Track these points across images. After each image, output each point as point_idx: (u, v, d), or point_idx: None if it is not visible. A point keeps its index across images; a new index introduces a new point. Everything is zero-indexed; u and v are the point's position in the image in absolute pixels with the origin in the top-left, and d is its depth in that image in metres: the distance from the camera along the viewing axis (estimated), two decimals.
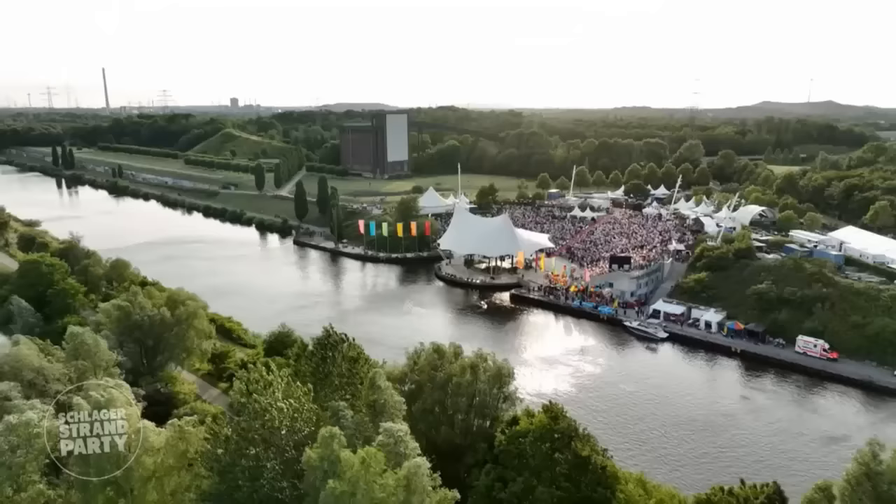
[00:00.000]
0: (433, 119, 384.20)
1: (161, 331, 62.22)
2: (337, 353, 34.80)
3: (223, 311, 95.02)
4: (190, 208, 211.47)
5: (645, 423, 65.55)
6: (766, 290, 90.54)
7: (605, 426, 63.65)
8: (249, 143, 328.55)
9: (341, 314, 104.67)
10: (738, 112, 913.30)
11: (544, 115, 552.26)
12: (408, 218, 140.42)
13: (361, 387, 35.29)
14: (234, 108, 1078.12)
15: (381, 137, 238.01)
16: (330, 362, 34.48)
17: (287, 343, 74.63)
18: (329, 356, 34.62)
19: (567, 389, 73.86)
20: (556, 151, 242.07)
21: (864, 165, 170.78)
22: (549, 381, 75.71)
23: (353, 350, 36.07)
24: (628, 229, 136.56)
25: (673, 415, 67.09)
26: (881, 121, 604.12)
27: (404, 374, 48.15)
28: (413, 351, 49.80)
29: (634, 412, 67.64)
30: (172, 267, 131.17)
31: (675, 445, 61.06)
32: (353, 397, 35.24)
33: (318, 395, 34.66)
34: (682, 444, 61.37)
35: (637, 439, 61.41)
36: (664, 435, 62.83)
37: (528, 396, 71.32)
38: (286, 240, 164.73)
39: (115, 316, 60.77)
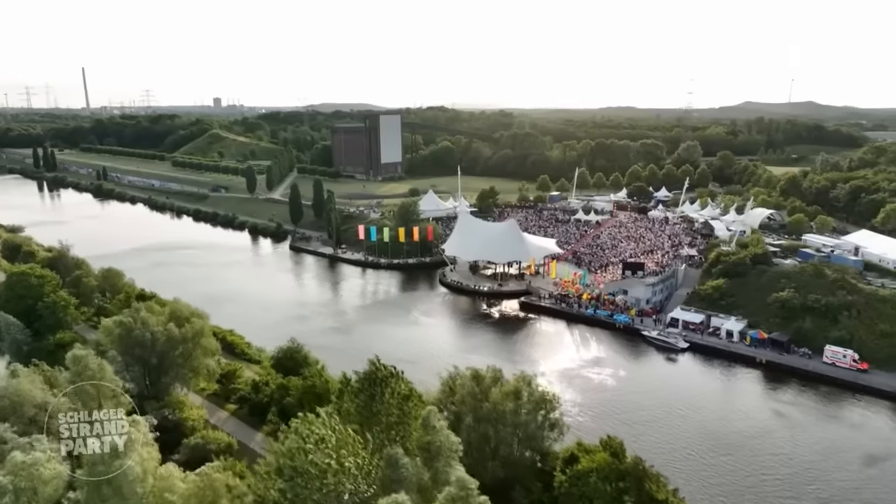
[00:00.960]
0: (423, 119, 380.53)
1: (166, 349, 57.73)
2: (386, 390, 30.76)
3: (220, 321, 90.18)
4: (179, 212, 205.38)
5: (679, 444, 62.05)
6: (789, 298, 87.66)
7: (636, 449, 60.29)
8: (237, 144, 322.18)
9: (345, 324, 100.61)
10: (723, 112, 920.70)
11: (532, 115, 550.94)
12: (409, 222, 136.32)
13: (412, 425, 31.38)
14: (217, 108, 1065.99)
15: (374, 138, 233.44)
16: (378, 400, 30.43)
17: (297, 360, 70.50)
18: (378, 393, 30.57)
19: (589, 406, 70.34)
20: (553, 153, 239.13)
21: (866, 167, 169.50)
22: (570, 397, 71.94)
23: (402, 385, 32.04)
24: (635, 233, 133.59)
25: (707, 434, 63.71)
26: (863, 121, 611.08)
27: (439, 401, 44.25)
28: (448, 376, 45.95)
29: (666, 432, 64.10)
30: (164, 274, 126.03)
31: (717, 470, 57.58)
32: (403, 438, 31.27)
33: (365, 435, 30.69)
34: (722, 468, 57.93)
35: (674, 465, 57.65)
36: (702, 459, 59.35)
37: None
38: (281, 244, 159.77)
39: (116, 334, 56.20)
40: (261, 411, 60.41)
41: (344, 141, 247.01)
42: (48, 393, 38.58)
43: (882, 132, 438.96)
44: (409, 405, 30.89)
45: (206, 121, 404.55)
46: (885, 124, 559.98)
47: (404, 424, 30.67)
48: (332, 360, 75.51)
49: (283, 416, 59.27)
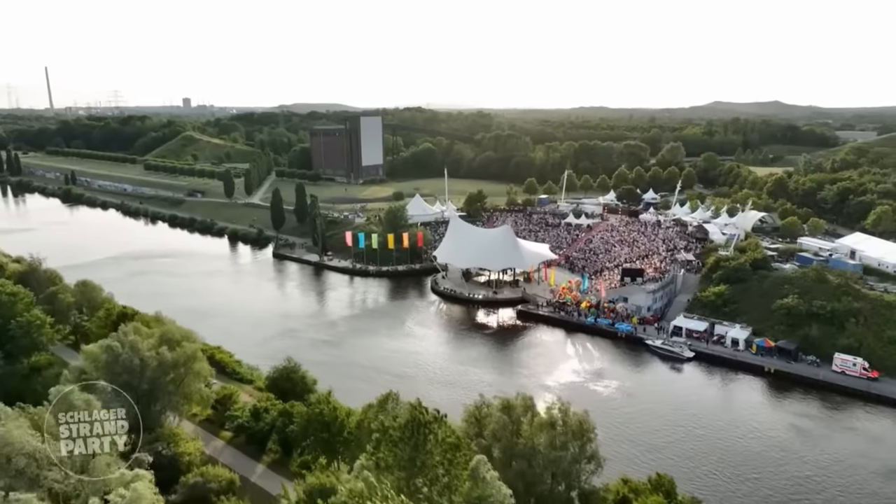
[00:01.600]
0: (401, 120, 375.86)
1: (157, 376, 53.16)
2: (430, 438, 27.24)
3: (205, 336, 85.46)
4: (154, 217, 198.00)
5: (698, 461, 59.57)
6: (794, 305, 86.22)
7: (657, 467, 57.71)
8: (211, 146, 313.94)
9: (337, 337, 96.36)
10: (692, 112, 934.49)
11: (508, 115, 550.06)
12: (397, 228, 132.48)
13: (460, 476, 27.88)
14: (186, 109, 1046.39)
15: (355, 140, 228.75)
16: (422, 450, 26.90)
17: (294, 380, 66.54)
18: (421, 442, 27.03)
19: (602, 426, 66.89)
20: (536, 154, 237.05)
21: (849, 168, 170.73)
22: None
23: (447, 430, 28.52)
24: (628, 237, 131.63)
25: (729, 454, 61.15)
26: (829, 120, 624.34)
27: (466, 434, 40.74)
28: (474, 406, 42.45)
29: (687, 454, 61.33)
30: (142, 285, 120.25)
31: (741, 489, 55.26)
32: (449, 490, 27.77)
33: (409, 488, 27.16)
34: (746, 486, 55.60)
35: (703, 491, 55.02)
36: (731, 484, 56.70)
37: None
38: (263, 252, 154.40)
39: (103, 360, 51.45)
40: (260, 439, 56.34)
41: (323, 143, 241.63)
42: (37, 438, 34.12)
43: (850, 132, 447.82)
44: (457, 455, 27.38)
45: (178, 122, 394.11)
46: (851, 123, 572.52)
47: (451, 476, 27.15)
48: (327, 378, 71.65)
49: (284, 445, 55.41)
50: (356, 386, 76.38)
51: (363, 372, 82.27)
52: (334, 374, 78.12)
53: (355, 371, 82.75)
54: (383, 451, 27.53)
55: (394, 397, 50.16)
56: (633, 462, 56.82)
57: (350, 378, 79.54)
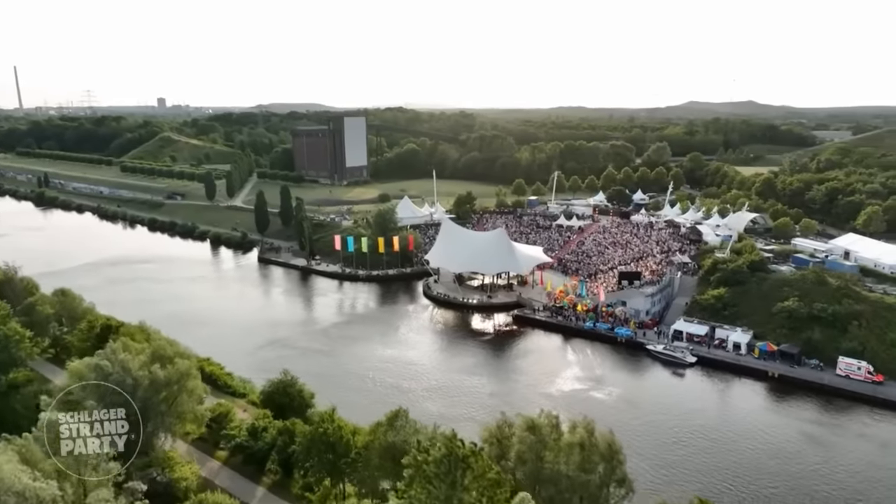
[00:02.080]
0: (383, 121, 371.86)
1: (149, 395, 49.91)
2: (468, 474, 24.81)
3: (193, 347, 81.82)
4: (132, 221, 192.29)
5: (713, 476, 57.62)
6: (795, 308, 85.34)
7: (671, 483, 56.05)
8: (190, 147, 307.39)
9: (330, 346, 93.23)
10: (669, 111, 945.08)
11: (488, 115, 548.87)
12: (387, 231, 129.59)
13: None
14: (161, 109, 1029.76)
15: (338, 141, 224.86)
16: (459, 486, 24.46)
17: (291, 394, 63.48)
18: (458, 479, 24.58)
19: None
20: (522, 155, 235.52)
21: (834, 167, 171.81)
22: None
23: (485, 465, 26.10)
24: (621, 239, 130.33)
25: (739, 463, 59.58)
26: (803, 120, 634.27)
27: (488, 457, 38.29)
28: (495, 426, 40.08)
29: (696, 462, 59.69)
30: (123, 293, 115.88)
31: None
32: None
33: None
34: None
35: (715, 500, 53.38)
36: (740, 491, 55.23)
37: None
38: (248, 256, 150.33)
39: (92, 380, 48.03)
40: (259, 460, 53.33)
41: (306, 144, 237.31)
42: (27, 474, 30.98)
43: (826, 131, 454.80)
44: (497, 492, 24.99)
45: (155, 123, 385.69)
46: (825, 123, 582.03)
47: None
48: (324, 390, 69.14)
49: (285, 465, 52.48)
50: (353, 398, 73.63)
51: (359, 383, 79.51)
52: (330, 386, 75.31)
53: (351, 381, 79.91)
54: (416, 488, 25.01)
55: (403, 414, 47.71)
56: (648, 480, 54.77)
57: (346, 389, 76.75)
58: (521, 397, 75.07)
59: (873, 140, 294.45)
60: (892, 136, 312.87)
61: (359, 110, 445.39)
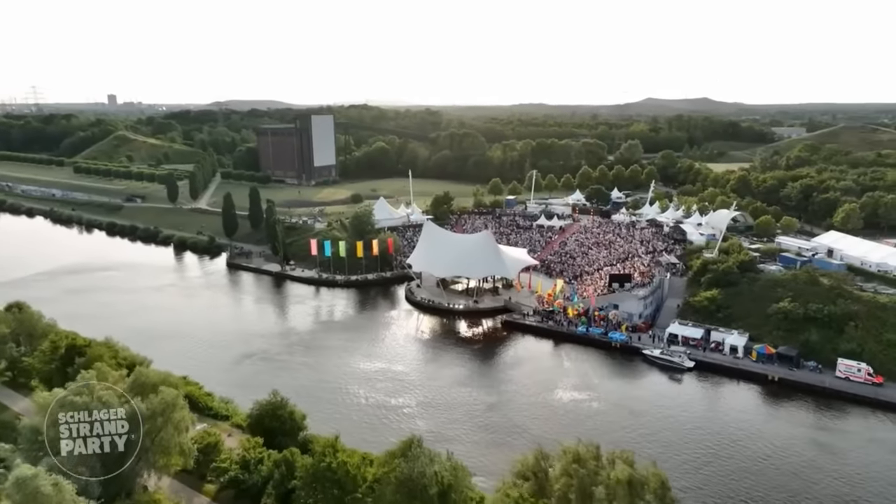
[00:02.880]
0: (348, 119, 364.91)
1: (130, 430, 44.54)
2: None
3: (165, 363, 75.85)
4: (89, 225, 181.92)
5: (734, 491, 55.54)
6: (791, 309, 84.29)
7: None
8: (147, 146, 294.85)
9: (314, 358, 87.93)
10: (628, 108, 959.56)
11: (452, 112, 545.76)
12: (364, 234, 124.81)
13: None
14: (112, 106, 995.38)
15: (306, 140, 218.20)
16: None
17: (282, 417, 58.46)
18: None
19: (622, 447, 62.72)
20: (494, 153, 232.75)
21: (804, 165, 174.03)
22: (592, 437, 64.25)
23: None
24: (603, 239, 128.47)
25: (763, 480, 57.23)
26: (757, 116, 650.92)
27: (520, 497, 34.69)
28: (532, 458, 36.44)
29: (718, 488, 57.10)
30: (83, 304, 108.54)
31: None
32: None
33: None
34: None
35: None
36: None
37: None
38: (216, 261, 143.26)
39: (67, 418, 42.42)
40: (254, 494, 48.47)
41: (272, 143, 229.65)
42: None
43: (781, 128, 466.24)
44: None
45: (109, 121, 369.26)
46: (778, 120, 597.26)
47: None
48: (312, 410, 64.57)
49: (284, 501, 47.80)
50: (344, 417, 69.40)
51: (349, 399, 74.97)
52: (317, 403, 70.75)
53: (340, 398, 75.29)
54: None
55: (416, 443, 43.69)
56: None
57: (334, 406, 72.31)
58: (520, 411, 71.74)
59: (830, 137, 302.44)
60: (847, 132, 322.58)
61: (322, 108, 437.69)
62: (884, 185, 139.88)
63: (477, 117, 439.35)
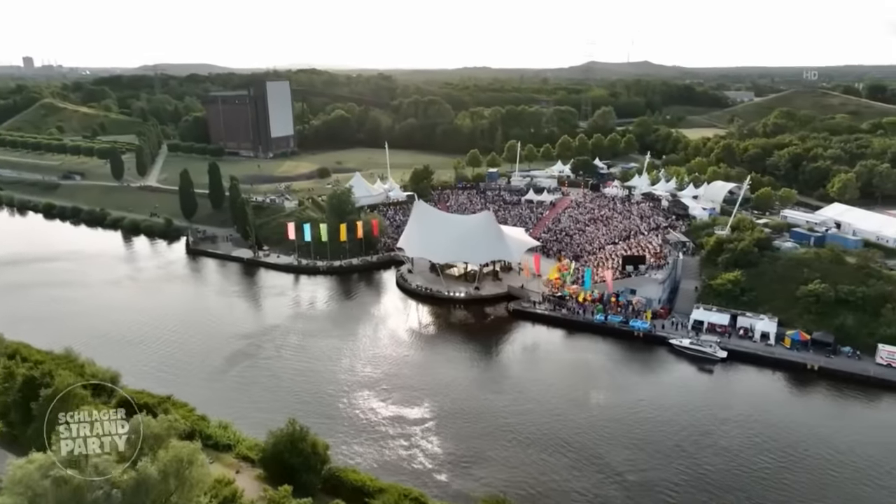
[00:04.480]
0: (298, 84, 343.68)
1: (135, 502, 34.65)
2: None
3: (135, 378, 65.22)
4: (21, 207, 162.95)
5: None
6: (823, 291, 79.70)
7: None
8: (79, 116, 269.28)
9: (308, 362, 77.47)
10: (571, 72, 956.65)
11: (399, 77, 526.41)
12: (346, 214, 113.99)
13: None
14: (29, 70, 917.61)
15: (261, 108, 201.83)
16: None
17: (303, 451, 49.18)
18: None
19: (680, 480, 56.66)
20: (463, 121, 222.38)
21: (781, 132, 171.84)
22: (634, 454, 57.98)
23: None
24: (599, 214, 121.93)
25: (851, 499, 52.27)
26: (699, 80, 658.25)
27: None
28: None
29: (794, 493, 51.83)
30: (24, 305, 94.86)
31: None
32: None
33: None
34: None
35: None
36: None
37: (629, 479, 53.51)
38: (174, 247, 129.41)
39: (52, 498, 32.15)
40: None
41: (223, 112, 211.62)
42: None
43: (731, 92, 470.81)
44: None
45: (32, 87, 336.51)
46: (724, 84, 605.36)
47: None
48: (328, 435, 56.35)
49: None
50: (362, 438, 60.49)
51: (361, 414, 65.52)
52: (326, 423, 61.43)
53: (349, 413, 65.82)
54: None
55: None
56: None
57: (347, 426, 63.06)
58: (556, 419, 64.24)
59: (783, 101, 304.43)
60: (799, 96, 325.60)
61: (270, 72, 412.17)
62: (872, 153, 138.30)
63: (427, 81, 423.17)
